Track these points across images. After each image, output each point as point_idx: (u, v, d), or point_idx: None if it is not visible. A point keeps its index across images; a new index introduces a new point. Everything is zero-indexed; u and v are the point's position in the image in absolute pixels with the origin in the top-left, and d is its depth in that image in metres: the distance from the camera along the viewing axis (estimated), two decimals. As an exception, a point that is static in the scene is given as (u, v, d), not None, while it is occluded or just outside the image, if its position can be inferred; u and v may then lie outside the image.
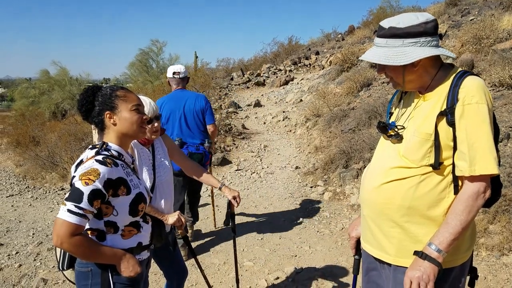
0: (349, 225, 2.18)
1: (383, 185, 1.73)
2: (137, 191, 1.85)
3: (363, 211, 1.88)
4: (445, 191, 1.64)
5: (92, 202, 1.66)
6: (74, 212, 1.62)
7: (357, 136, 7.10)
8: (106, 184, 1.69)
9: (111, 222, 1.80)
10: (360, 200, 1.93)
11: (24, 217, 6.37)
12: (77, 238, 1.64)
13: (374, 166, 1.85)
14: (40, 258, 4.63)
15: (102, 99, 1.84)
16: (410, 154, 1.67)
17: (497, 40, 8.88)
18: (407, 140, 1.70)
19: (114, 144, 1.86)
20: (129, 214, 1.83)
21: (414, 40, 1.61)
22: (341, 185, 6.20)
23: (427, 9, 18.11)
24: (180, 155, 2.94)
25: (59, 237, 1.62)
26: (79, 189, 1.64)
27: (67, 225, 1.62)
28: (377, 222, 1.79)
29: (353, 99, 9.73)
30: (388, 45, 1.65)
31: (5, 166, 12.13)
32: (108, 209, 1.78)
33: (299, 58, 18.75)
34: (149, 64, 22.08)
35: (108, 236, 1.82)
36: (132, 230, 1.88)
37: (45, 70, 21.29)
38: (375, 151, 1.93)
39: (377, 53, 1.68)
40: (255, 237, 4.96)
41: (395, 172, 1.70)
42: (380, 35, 1.68)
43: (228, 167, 8.28)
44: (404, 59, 1.60)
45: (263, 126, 11.26)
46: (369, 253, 1.89)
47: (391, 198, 1.70)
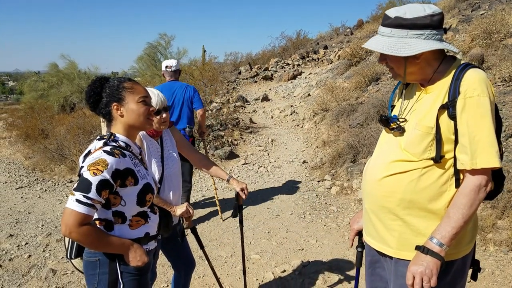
0: (352, 218, 2.18)
1: (385, 178, 1.72)
2: (144, 182, 1.86)
3: (365, 204, 1.88)
4: (446, 185, 1.63)
5: (100, 192, 1.67)
6: (82, 202, 1.64)
7: (365, 131, 7.08)
8: (114, 175, 1.71)
9: (119, 212, 1.82)
10: (362, 194, 1.93)
11: (34, 208, 6.43)
12: (85, 228, 1.66)
13: (375, 159, 1.85)
14: (49, 249, 4.67)
15: (109, 90, 1.85)
16: (411, 147, 1.66)
17: (508, 35, 8.78)
18: (409, 133, 1.69)
19: (122, 135, 1.87)
20: (136, 204, 1.84)
21: (419, 32, 1.59)
22: (349, 179, 6.19)
23: (437, 3, 17.93)
24: (188, 147, 2.95)
25: (67, 227, 1.64)
26: (88, 179, 1.66)
27: (75, 214, 1.63)
28: (378, 215, 1.79)
29: (362, 93, 9.67)
30: (392, 35, 1.63)
31: (14, 158, 12.23)
32: (116, 199, 1.79)
33: (307, 52, 18.66)
34: (157, 57, 22.07)
35: (116, 226, 1.83)
36: (140, 221, 1.89)
37: (54, 64, 21.36)
38: (377, 144, 1.92)
39: (380, 41, 1.66)
40: (262, 230, 4.97)
41: (396, 166, 1.70)
42: (385, 24, 1.66)
43: (236, 161, 8.29)
44: (408, 50, 1.59)
45: (271, 120, 11.24)
46: (371, 246, 1.89)
47: (392, 192, 1.70)
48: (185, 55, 22.36)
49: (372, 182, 1.79)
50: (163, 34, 21.97)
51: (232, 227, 5.10)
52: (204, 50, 20.37)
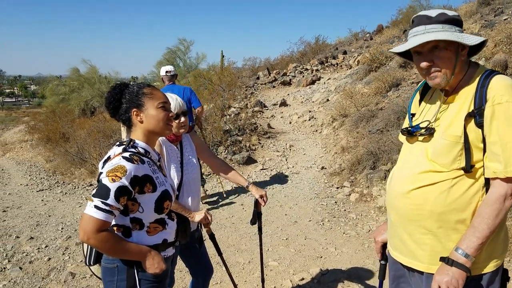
0: (375, 230, 2.12)
1: (413, 191, 1.67)
2: (162, 189, 1.85)
3: (391, 218, 1.82)
4: (478, 195, 1.58)
5: (119, 198, 1.67)
6: (100, 208, 1.64)
7: (385, 137, 6.97)
8: (132, 181, 1.70)
9: (136, 219, 1.81)
10: (387, 206, 1.86)
11: (54, 211, 6.51)
12: (104, 234, 1.65)
13: (400, 171, 1.79)
14: (68, 252, 4.71)
15: (129, 96, 1.85)
16: (439, 157, 1.61)
17: (533, 40, 8.58)
18: (435, 143, 1.64)
19: (141, 141, 1.87)
20: (154, 211, 1.83)
21: (460, 28, 1.61)
22: (368, 186, 6.10)
23: (459, 8, 17.68)
24: (208, 152, 2.94)
25: (85, 233, 1.64)
26: (106, 186, 1.66)
27: (93, 221, 1.63)
28: (407, 229, 1.72)
29: (381, 99, 9.56)
30: (445, 29, 1.59)
31: (35, 161, 12.46)
32: (134, 206, 1.78)
33: (326, 57, 18.57)
34: (176, 62, 22.26)
35: (133, 232, 1.82)
36: (158, 227, 1.88)
37: (75, 68, 21.73)
38: (399, 155, 1.87)
39: (438, 34, 1.57)
40: (280, 237, 4.92)
41: (424, 177, 1.64)
42: (433, 22, 1.60)
43: (253, 166, 8.26)
44: (472, 40, 1.56)
45: (289, 125, 11.19)
46: (398, 261, 1.83)
47: (422, 204, 1.64)
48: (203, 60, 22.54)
49: (399, 195, 1.73)
50: (182, 40, 22.19)
51: (249, 233, 5.06)
52: (223, 55, 20.44)
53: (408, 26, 17.33)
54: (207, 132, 9.15)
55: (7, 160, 13.67)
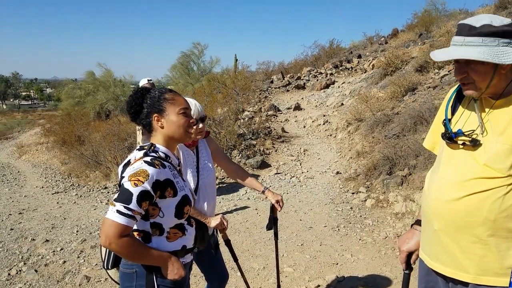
0: (399, 239, 2.05)
1: (464, 198, 1.59)
2: (183, 193, 1.83)
3: (434, 226, 1.72)
4: None
5: (141, 203, 1.65)
6: (123, 213, 1.62)
7: (402, 142, 6.88)
8: (154, 186, 1.68)
9: (156, 224, 1.79)
10: (428, 214, 1.77)
11: (69, 214, 6.54)
12: (125, 239, 1.64)
13: (445, 176, 1.71)
14: (83, 255, 4.72)
15: (150, 101, 1.84)
16: (495, 162, 1.54)
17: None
18: (488, 148, 1.57)
19: (162, 146, 1.85)
20: (174, 216, 1.81)
21: (508, 40, 1.51)
22: (385, 192, 6.01)
23: (475, 12, 17.48)
24: (224, 158, 2.91)
25: (107, 238, 1.62)
26: (129, 190, 1.64)
27: (116, 225, 1.61)
28: (454, 237, 1.65)
29: (397, 103, 9.46)
30: (485, 44, 1.52)
31: (51, 163, 12.59)
32: (155, 211, 1.76)
33: (340, 61, 18.48)
34: (190, 66, 22.39)
35: (153, 238, 1.81)
36: (177, 233, 1.86)
37: (90, 72, 21.98)
38: (440, 160, 1.79)
39: (474, 51, 1.53)
40: (295, 243, 4.87)
41: (476, 184, 1.57)
42: (473, 34, 1.55)
43: (268, 170, 8.23)
44: (509, 58, 1.49)
45: (303, 129, 11.14)
46: (439, 272, 1.75)
47: (475, 211, 1.57)
48: (217, 64, 22.62)
49: (447, 202, 1.65)
50: (197, 43, 22.32)
51: (264, 238, 5.02)
52: (236, 59, 20.50)
53: (423, 30, 17.19)
54: (221, 135, 9.15)
55: (23, 162, 13.84)
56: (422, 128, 7.11)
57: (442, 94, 8.54)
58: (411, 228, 2.01)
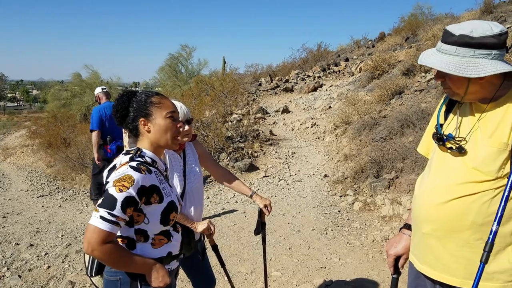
0: (387, 243, 2.05)
1: (452, 201, 1.60)
2: (169, 200, 1.80)
3: (423, 229, 1.73)
4: None
5: (125, 209, 1.62)
6: (106, 219, 1.58)
7: (389, 145, 6.92)
8: (139, 191, 1.65)
9: (141, 230, 1.76)
10: (418, 217, 1.78)
11: (54, 218, 6.44)
12: (109, 246, 1.60)
13: (434, 180, 1.72)
14: (68, 260, 4.65)
15: (136, 105, 1.80)
16: (484, 165, 1.54)
17: (537, 49, 8.54)
18: (478, 152, 1.58)
19: (148, 151, 1.82)
20: (160, 223, 1.78)
21: (487, 52, 1.50)
22: (372, 195, 6.03)
23: (461, 16, 17.69)
24: (212, 162, 2.88)
25: (90, 244, 1.58)
26: (113, 196, 1.61)
27: (99, 232, 1.58)
28: (443, 241, 1.65)
29: (384, 107, 9.52)
30: (458, 54, 1.53)
31: (36, 166, 12.40)
32: (140, 217, 1.73)
33: (328, 64, 18.56)
34: (178, 68, 22.34)
35: (138, 244, 1.77)
36: (163, 239, 1.83)
37: (77, 73, 21.81)
38: (430, 163, 1.80)
39: (444, 60, 1.56)
40: (283, 246, 4.86)
41: (465, 187, 1.58)
42: (449, 42, 1.56)
43: (256, 173, 8.21)
44: (476, 71, 1.49)
45: (291, 132, 11.15)
46: (427, 276, 1.75)
47: (463, 215, 1.57)
48: (205, 66, 22.58)
49: (436, 205, 1.66)
50: (185, 46, 22.29)
51: (252, 242, 5.00)
52: (225, 61, 20.49)
53: (410, 34, 17.35)
54: (209, 138, 9.12)
55: (8, 165, 13.61)
56: (409, 131, 7.15)
57: (428, 98, 8.61)
58: (400, 232, 2.00)
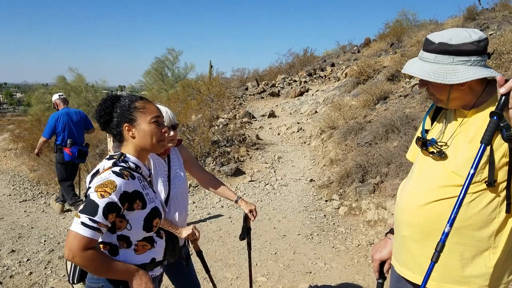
0: (373, 248, 2.06)
1: (430, 204, 1.62)
2: (152, 206, 1.78)
3: (403, 232, 1.75)
4: (496, 211, 1.54)
5: (107, 215, 1.60)
6: (88, 225, 1.56)
7: (374, 150, 6.98)
8: (122, 197, 1.63)
9: (124, 236, 1.74)
10: (398, 220, 1.80)
11: (37, 223, 6.34)
12: (90, 252, 1.58)
13: (415, 184, 1.74)
14: (51, 266, 4.58)
15: (120, 110, 1.78)
16: (463, 170, 1.56)
17: (518, 56, 8.71)
18: (458, 156, 1.60)
19: (132, 156, 1.80)
20: (143, 229, 1.76)
21: (466, 59, 1.53)
22: (357, 200, 6.07)
23: (445, 23, 17.96)
24: (197, 167, 2.87)
25: (71, 251, 1.56)
26: (94, 201, 1.59)
27: (80, 238, 1.56)
28: (420, 244, 1.67)
29: (370, 112, 9.60)
30: (437, 61, 1.56)
31: (19, 170, 12.20)
32: (122, 223, 1.71)
33: (314, 69, 18.66)
34: (164, 72, 22.25)
35: (120, 250, 1.75)
36: (146, 245, 1.81)
37: (61, 76, 21.59)
38: (413, 168, 1.82)
39: (424, 68, 1.59)
40: (268, 251, 4.85)
41: (444, 191, 1.60)
42: (428, 50, 1.59)
43: (242, 177, 8.19)
44: (454, 78, 1.52)
45: (277, 137, 11.16)
46: (405, 278, 1.77)
47: (440, 218, 1.59)
48: (192, 70, 22.53)
49: (414, 208, 1.68)
50: (171, 49, 22.22)
51: (237, 247, 4.98)
52: (211, 65, 20.48)
53: (395, 40, 17.55)
54: (195, 142, 9.08)
55: (-11, 169, 13.38)
56: (393, 136, 7.22)
57: (413, 103, 8.71)
58: (385, 237, 2.02)
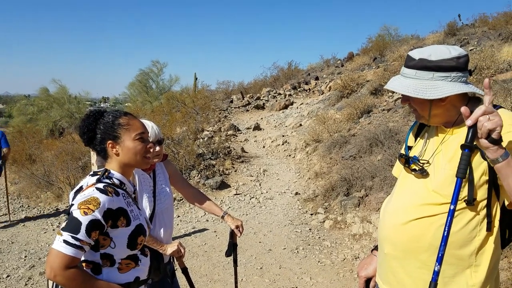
0: (358, 264, 2.06)
1: (411, 222, 1.62)
2: (137, 223, 1.75)
3: (385, 250, 1.76)
4: (476, 229, 1.54)
5: (90, 233, 1.56)
6: (70, 243, 1.52)
7: (358, 163, 7.03)
8: (105, 214, 1.60)
9: (107, 255, 1.69)
10: (381, 238, 1.80)
11: (17, 238, 6.20)
12: (72, 271, 1.54)
13: (397, 201, 1.75)
14: (31, 282, 4.47)
15: (104, 127, 1.74)
16: (443, 188, 1.57)
17: (498, 71, 8.92)
18: (438, 175, 1.61)
19: (117, 172, 1.77)
20: (127, 247, 1.72)
21: (445, 74, 1.54)
22: (342, 213, 6.09)
23: (426, 38, 18.33)
24: (182, 182, 2.85)
25: (52, 269, 1.52)
26: (77, 219, 1.55)
27: (62, 256, 1.51)
28: (402, 262, 1.67)
29: (354, 125, 9.69)
30: (417, 77, 1.58)
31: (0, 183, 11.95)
32: (106, 241, 1.67)
33: (298, 82, 18.82)
34: (149, 84, 22.16)
35: (104, 269, 1.70)
36: (130, 264, 1.77)
37: (44, 88, 21.31)
38: (396, 184, 1.83)
39: (404, 83, 1.61)
40: (254, 266, 4.82)
41: (424, 209, 1.60)
42: (409, 66, 1.61)
43: (227, 191, 8.16)
44: (434, 93, 1.53)
45: (263, 150, 11.18)
46: None
47: (420, 236, 1.59)
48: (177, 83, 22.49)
49: (395, 226, 1.68)
50: (156, 61, 22.18)
51: (223, 262, 4.94)
52: (196, 77, 20.47)
53: (377, 54, 17.83)
54: (180, 155, 9.03)
55: (-32, 182, 13.08)
56: (377, 149, 7.29)
57: (396, 117, 8.83)
58: (371, 253, 2.02)
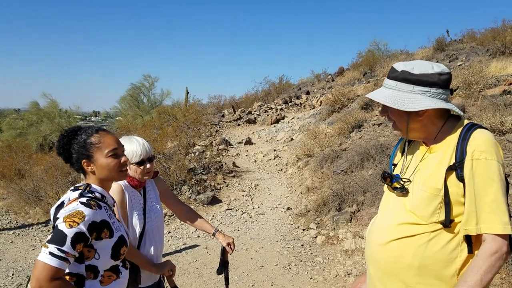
0: (352, 282, 2.06)
1: (391, 242, 1.62)
2: (119, 234, 1.80)
3: (369, 269, 1.77)
4: (457, 250, 1.53)
5: (75, 245, 1.60)
6: (55, 255, 1.56)
7: (350, 178, 7.03)
8: (90, 227, 1.64)
9: (92, 266, 1.73)
10: (366, 258, 1.81)
11: (5, 255, 6.09)
12: (57, 283, 1.57)
13: (380, 221, 1.75)
14: (18, 302, 4.37)
15: (77, 147, 1.80)
16: (418, 209, 1.57)
17: (486, 86, 9.04)
18: (415, 195, 1.61)
19: (97, 186, 1.82)
20: (111, 257, 1.77)
21: (425, 89, 1.56)
22: (334, 228, 6.06)
23: (415, 53, 18.58)
24: (173, 199, 2.82)
25: (38, 281, 1.55)
26: (63, 232, 1.59)
27: (47, 268, 1.55)
28: (384, 282, 1.67)
29: (345, 140, 9.73)
30: (397, 88, 1.60)
31: (-13, 199, 11.78)
32: (90, 253, 1.71)
33: (290, 97, 18.92)
34: (140, 98, 22.16)
35: (87, 282, 1.74)
36: (112, 276, 1.81)
37: (34, 102, 21.20)
38: (380, 203, 1.84)
39: (384, 94, 1.62)
40: (246, 283, 4.76)
41: (403, 229, 1.60)
42: (391, 77, 1.63)
43: (218, 206, 8.11)
44: (410, 105, 1.55)
45: (254, 164, 11.16)
46: None
47: (400, 257, 1.59)
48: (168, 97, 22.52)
49: (377, 246, 1.68)
50: (147, 76, 22.21)
51: (214, 279, 4.88)
52: (188, 92, 20.52)
53: (367, 69, 18.02)
54: (171, 170, 8.98)
55: (-45, 197, 12.87)
56: (369, 164, 7.30)
57: (386, 132, 8.87)
58: (364, 273, 2.01)
